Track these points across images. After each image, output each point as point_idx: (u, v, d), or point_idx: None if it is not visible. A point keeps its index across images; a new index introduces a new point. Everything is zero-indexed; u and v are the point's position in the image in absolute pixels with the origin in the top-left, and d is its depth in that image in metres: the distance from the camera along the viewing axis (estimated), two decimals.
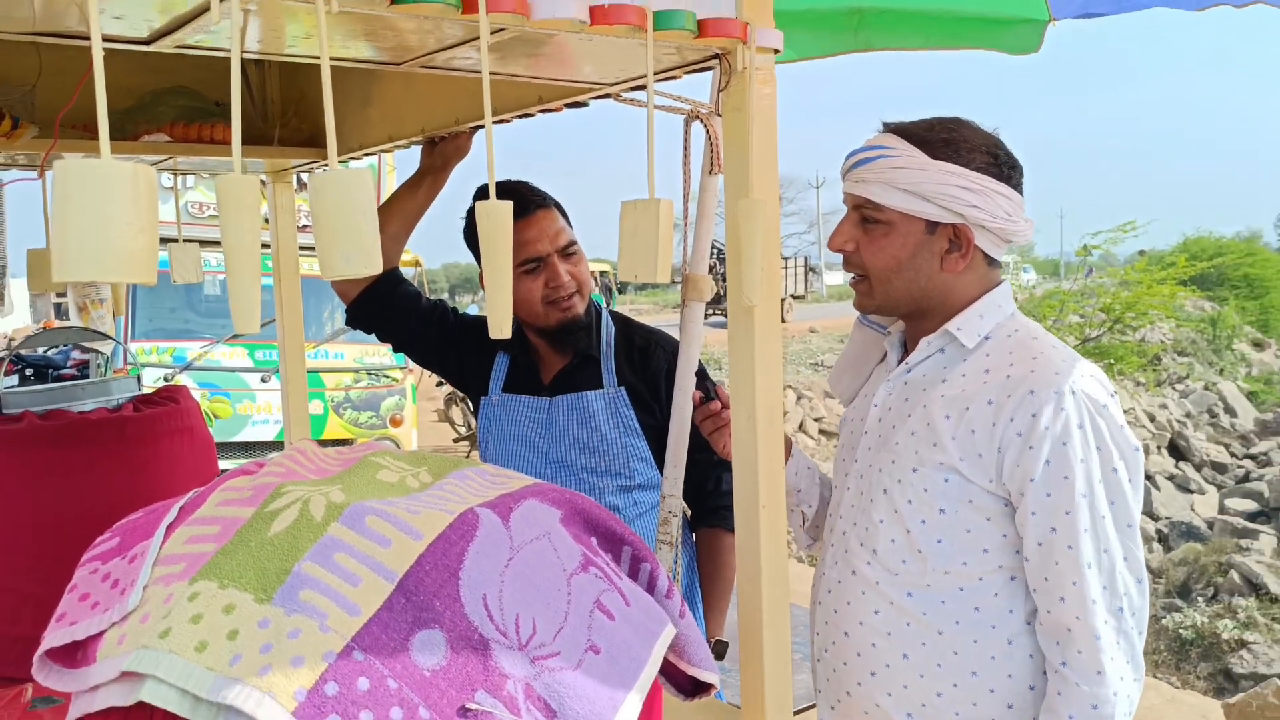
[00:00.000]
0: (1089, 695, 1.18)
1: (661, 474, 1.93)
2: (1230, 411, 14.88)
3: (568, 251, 1.95)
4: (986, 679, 1.26)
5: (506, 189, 1.97)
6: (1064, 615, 1.20)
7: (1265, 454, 12.64)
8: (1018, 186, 1.29)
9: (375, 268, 0.87)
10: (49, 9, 0.99)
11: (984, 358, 1.28)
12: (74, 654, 0.89)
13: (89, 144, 1.81)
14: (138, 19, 1.02)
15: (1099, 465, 1.19)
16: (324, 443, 6.55)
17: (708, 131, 1.61)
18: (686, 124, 1.59)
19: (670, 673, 1.10)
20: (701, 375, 1.86)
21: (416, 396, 7.84)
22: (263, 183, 2.35)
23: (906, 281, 1.32)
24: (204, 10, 0.96)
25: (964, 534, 1.26)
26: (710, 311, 1.76)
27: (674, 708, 1.19)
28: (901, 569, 1.28)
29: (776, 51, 1.27)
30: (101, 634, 0.87)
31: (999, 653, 1.27)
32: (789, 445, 1.50)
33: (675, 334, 1.94)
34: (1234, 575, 7.79)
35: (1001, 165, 1.29)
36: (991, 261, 1.33)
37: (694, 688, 1.13)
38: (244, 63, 1.97)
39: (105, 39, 0.80)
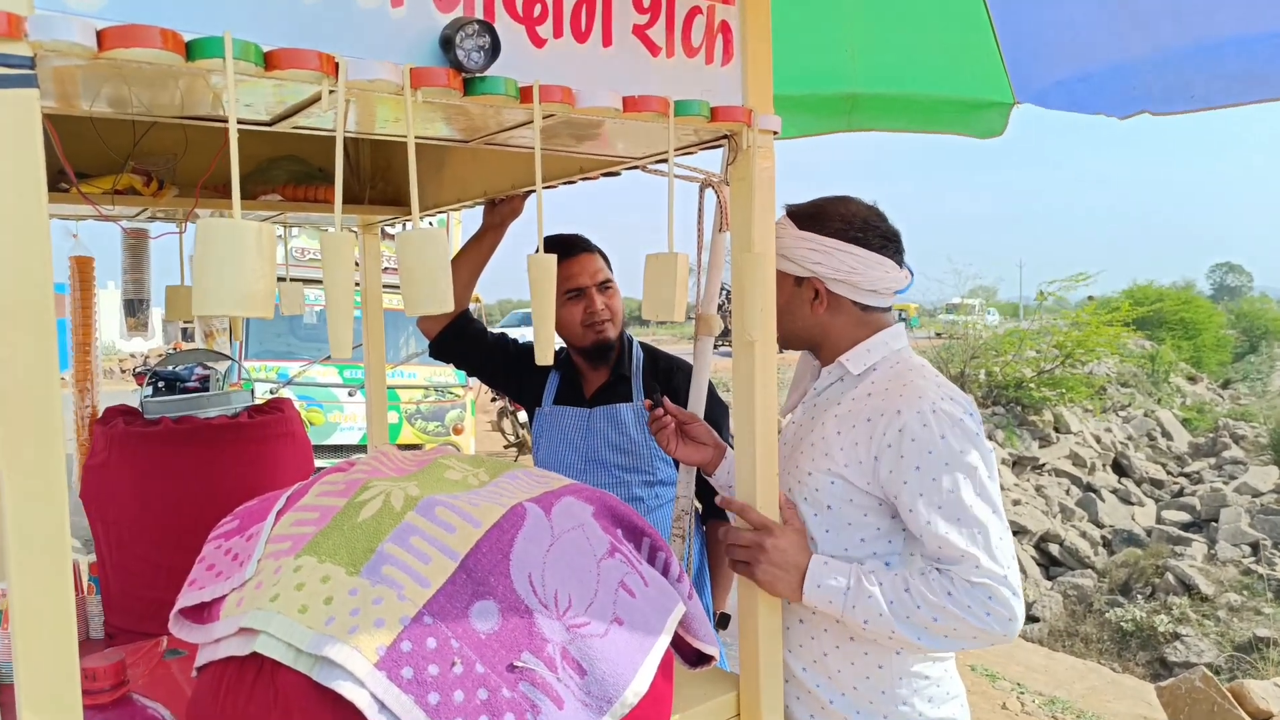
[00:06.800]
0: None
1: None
2: (1167, 435, 14.56)
3: (604, 286, 2.04)
4: (862, 644, 1.31)
5: (563, 238, 2.05)
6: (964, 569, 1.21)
7: (1197, 473, 12.34)
8: (872, 246, 1.36)
9: (449, 307, 0.91)
10: (191, 96, 1.03)
11: (869, 384, 1.35)
12: (201, 613, 0.92)
13: (219, 203, 1.86)
14: (261, 106, 1.07)
15: (961, 465, 1.22)
16: (398, 447, 6.59)
17: (718, 196, 1.64)
18: (701, 190, 1.62)
19: (679, 645, 1.12)
20: (712, 395, 1.89)
21: (475, 410, 7.89)
22: (355, 233, 2.41)
23: (788, 322, 1.41)
24: (315, 100, 1.01)
25: (846, 526, 1.31)
26: (719, 343, 1.78)
27: (682, 675, 1.21)
28: None
29: (775, 133, 1.31)
30: (224, 597, 0.91)
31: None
32: (723, 450, 1.56)
33: (690, 360, 1.98)
34: (1169, 577, 7.61)
35: (853, 230, 1.36)
36: (866, 308, 1.39)
37: (698, 659, 1.14)
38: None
39: (237, 122, 0.84)
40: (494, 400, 10.92)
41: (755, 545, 1.30)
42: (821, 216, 1.38)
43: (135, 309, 2.10)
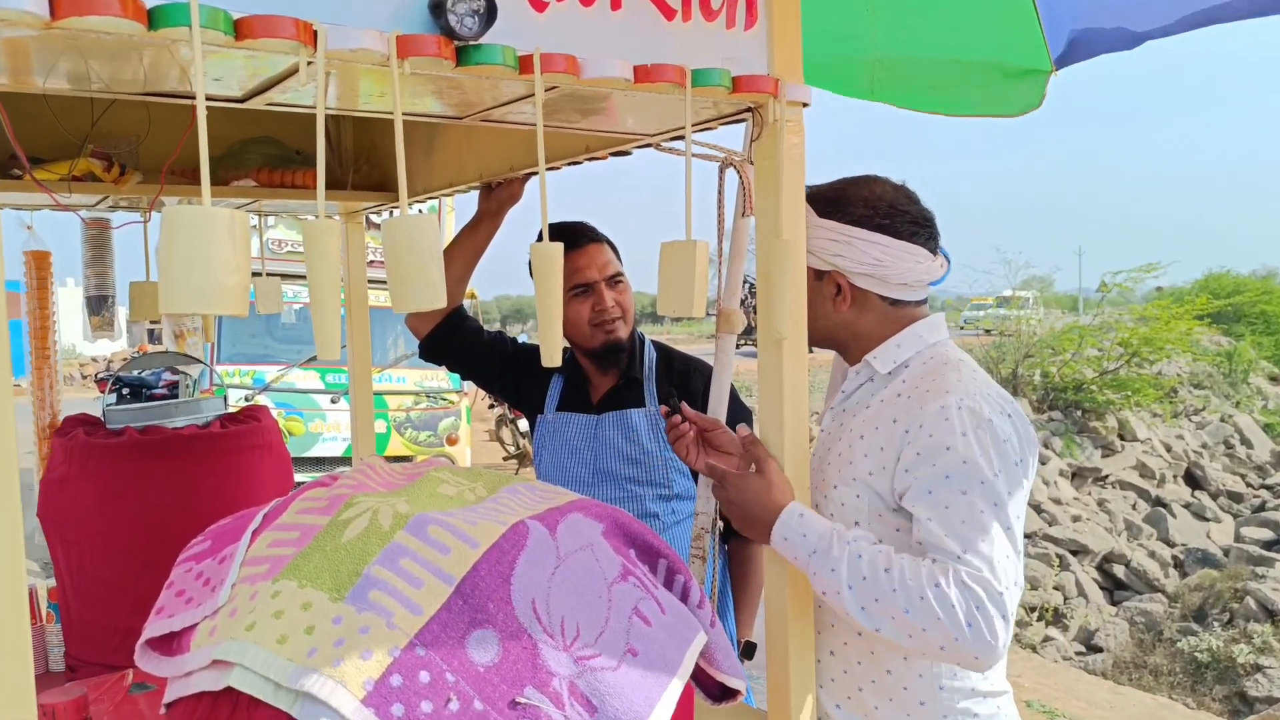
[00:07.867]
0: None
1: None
2: (1246, 443, 14.43)
3: (614, 281, 2.03)
4: (900, 678, 1.30)
5: (567, 227, 2.04)
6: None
7: None
8: (901, 234, 1.34)
9: (441, 303, 0.90)
10: (155, 71, 1.04)
11: (900, 383, 1.34)
12: (170, 644, 0.93)
13: (187, 189, 1.88)
14: (232, 81, 1.07)
15: (977, 468, 1.20)
16: (386, 459, 6.63)
17: (740, 177, 1.63)
18: (721, 170, 1.61)
19: (700, 678, 1.11)
20: (734, 400, 1.88)
21: (470, 418, 7.92)
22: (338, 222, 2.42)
23: (808, 321, 1.39)
24: (292, 73, 1.02)
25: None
26: (741, 342, 1.78)
27: (704, 711, 1.20)
28: None
29: (805, 105, 1.30)
30: (195, 626, 0.91)
31: (912, 655, 1.29)
32: None
33: (709, 361, 1.97)
34: (1250, 601, 7.54)
35: (879, 217, 1.34)
36: (896, 302, 1.37)
37: (721, 693, 1.14)
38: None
39: (205, 98, 0.84)
40: (492, 407, 10.95)
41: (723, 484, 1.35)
42: (843, 201, 1.36)
43: (99, 306, 2.12)
